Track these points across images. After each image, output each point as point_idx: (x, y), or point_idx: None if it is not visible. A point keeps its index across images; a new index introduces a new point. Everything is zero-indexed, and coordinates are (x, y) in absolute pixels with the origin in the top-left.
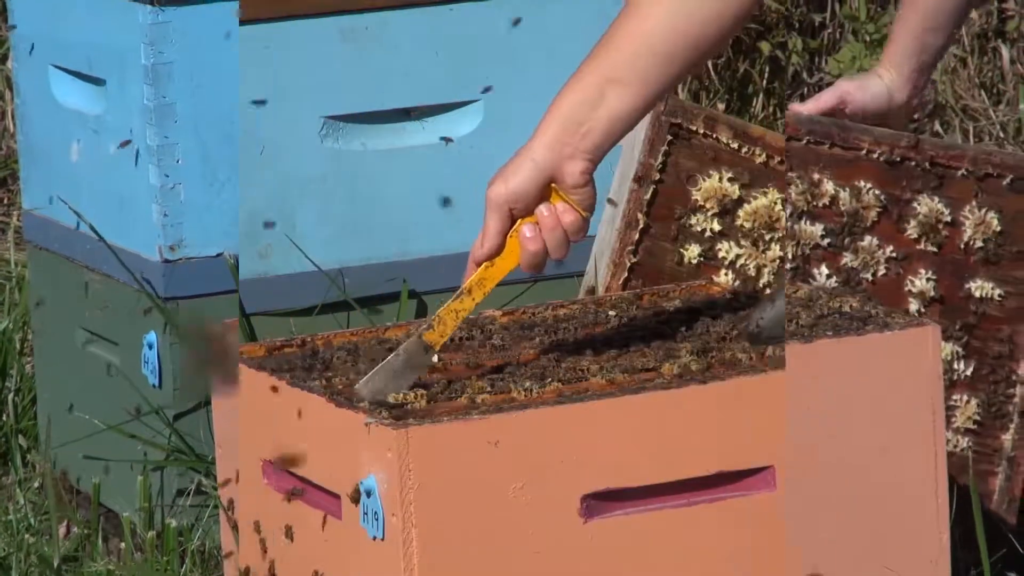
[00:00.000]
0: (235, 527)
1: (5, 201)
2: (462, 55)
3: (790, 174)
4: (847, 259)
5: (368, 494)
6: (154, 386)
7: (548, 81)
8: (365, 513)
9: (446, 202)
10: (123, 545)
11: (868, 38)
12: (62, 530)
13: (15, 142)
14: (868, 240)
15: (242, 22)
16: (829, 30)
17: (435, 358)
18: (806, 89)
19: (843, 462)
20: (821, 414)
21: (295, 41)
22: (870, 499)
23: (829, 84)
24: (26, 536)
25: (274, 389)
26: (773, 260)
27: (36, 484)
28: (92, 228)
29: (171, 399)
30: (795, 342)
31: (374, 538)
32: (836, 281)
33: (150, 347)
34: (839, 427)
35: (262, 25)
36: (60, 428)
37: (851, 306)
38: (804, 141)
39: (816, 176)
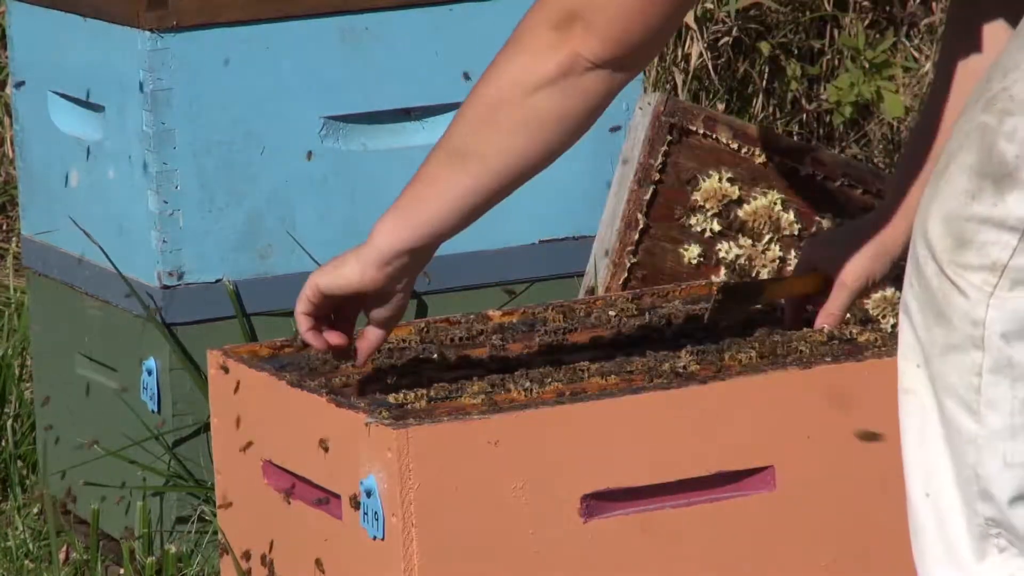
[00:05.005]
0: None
1: (4, 227)
2: (462, 55)
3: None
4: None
5: (368, 494)
6: (153, 412)
7: None
8: (365, 513)
9: None
10: (122, 571)
11: (867, 65)
12: (61, 556)
13: (14, 168)
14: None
15: (242, 22)
16: (828, 57)
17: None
18: (804, 116)
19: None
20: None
21: (295, 41)
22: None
23: (827, 111)
24: (25, 562)
25: (274, 389)
26: (773, 260)
27: (35, 510)
28: (104, 253)
29: (170, 425)
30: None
31: (374, 538)
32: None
33: (149, 373)
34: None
35: (262, 25)
36: (58, 454)
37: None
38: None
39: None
